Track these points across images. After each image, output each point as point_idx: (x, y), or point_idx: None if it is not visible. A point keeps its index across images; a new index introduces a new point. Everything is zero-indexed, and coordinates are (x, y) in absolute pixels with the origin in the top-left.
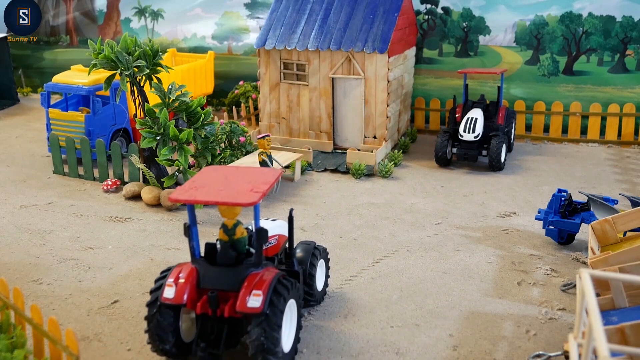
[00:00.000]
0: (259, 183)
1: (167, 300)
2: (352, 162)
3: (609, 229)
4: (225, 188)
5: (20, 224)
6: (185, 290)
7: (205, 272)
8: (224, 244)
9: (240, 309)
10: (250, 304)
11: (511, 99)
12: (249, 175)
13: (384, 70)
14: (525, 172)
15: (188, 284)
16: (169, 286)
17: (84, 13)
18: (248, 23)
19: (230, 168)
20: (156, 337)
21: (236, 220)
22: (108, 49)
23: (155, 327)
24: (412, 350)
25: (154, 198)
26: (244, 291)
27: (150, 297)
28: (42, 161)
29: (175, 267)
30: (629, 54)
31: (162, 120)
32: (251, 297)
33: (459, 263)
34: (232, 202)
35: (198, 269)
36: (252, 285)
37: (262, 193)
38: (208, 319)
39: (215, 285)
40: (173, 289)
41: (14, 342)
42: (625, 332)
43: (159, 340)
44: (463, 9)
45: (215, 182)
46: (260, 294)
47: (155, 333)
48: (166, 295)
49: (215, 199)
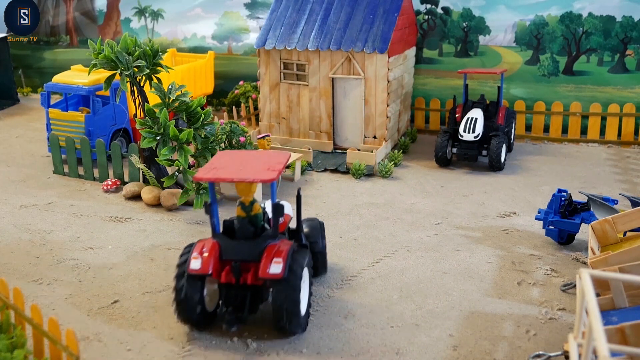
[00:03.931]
0: (273, 163)
1: (194, 271)
2: (352, 162)
3: (609, 229)
4: (243, 168)
5: (20, 224)
6: (210, 262)
7: (226, 246)
8: (242, 220)
9: (263, 275)
10: (272, 271)
11: (511, 99)
12: (261, 157)
13: (384, 70)
14: (525, 172)
15: (212, 256)
16: (195, 258)
17: (84, 13)
18: (248, 23)
19: (242, 152)
20: (184, 307)
21: (253, 199)
22: (108, 49)
23: (183, 298)
24: (412, 350)
25: (154, 198)
26: (265, 260)
27: (177, 270)
28: (42, 161)
29: (198, 242)
30: (629, 54)
31: (162, 120)
32: (272, 264)
33: (459, 263)
34: (253, 179)
35: (219, 243)
36: (271, 254)
37: (278, 171)
38: (232, 287)
39: (236, 256)
40: (199, 261)
41: (14, 342)
42: (625, 332)
43: (188, 310)
44: (463, 9)
45: (232, 163)
46: (281, 261)
47: (183, 303)
48: (193, 266)
49: (238, 177)
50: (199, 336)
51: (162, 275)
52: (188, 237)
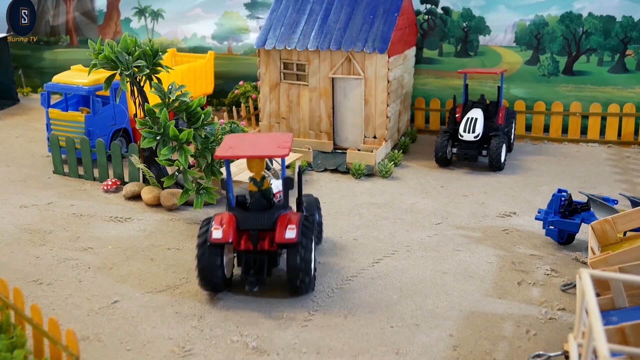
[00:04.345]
0: (281, 142)
1: (216, 240)
2: (352, 162)
3: (609, 229)
4: (256, 146)
5: (20, 224)
6: (230, 232)
7: (242, 217)
8: (254, 194)
9: (279, 240)
10: (287, 236)
11: (511, 99)
12: (268, 138)
13: (384, 70)
14: (525, 172)
15: (231, 226)
16: (216, 229)
17: (84, 13)
18: (248, 23)
19: (247, 134)
20: (207, 274)
21: (263, 174)
22: (108, 49)
23: (205, 265)
24: (412, 350)
25: (154, 198)
26: (280, 227)
27: (199, 240)
28: (42, 161)
29: (215, 216)
30: (629, 54)
31: (162, 120)
32: (287, 230)
33: (459, 263)
34: (269, 155)
35: (235, 215)
36: (285, 222)
37: (289, 148)
38: (250, 254)
39: (252, 226)
40: (220, 231)
41: (14, 342)
42: (625, 332)
43: (210, 276)
44: (463, 9)
45: (244, 143)
46: (294, 228)
47: (206, 270)
48: (215, 236)
49: (255, 154)
50: (199, 336)
51: (162, 275)
52: (188, 237)
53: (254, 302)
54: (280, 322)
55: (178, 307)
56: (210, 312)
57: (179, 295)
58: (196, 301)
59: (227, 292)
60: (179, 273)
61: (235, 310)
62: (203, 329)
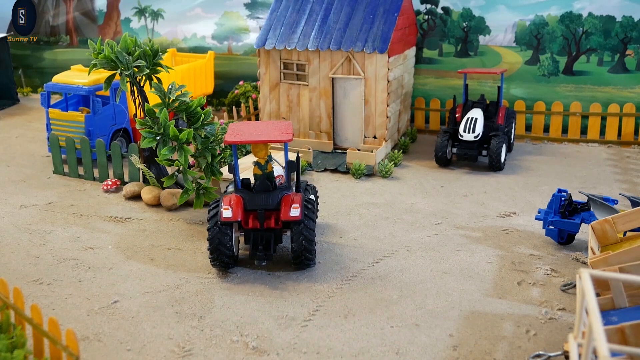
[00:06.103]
0: (283, 128)
1: (227, 219)
2: (352, 162)
3: (609, 229)
4: (261, 133)
5: (20, 224)
6: (239, 211)
7: (248, 198)
8: (259, 176)
9: (285, 217)
10: (292, 214)
11: (511, 99)
12: (269, 125)
13: (384, 70)
14: (525, 172)
15: (239, 207)
16: (226, 209)
17: (84, 13)
18: (248, 23)
19: (250, 122)
20: (219, 251)
21: (267, 159)
22: (108, 49)
23: (217, 244)
24: (412, 350)
25: (154, 198)
26: (285, 206)
27: (209, 221)
28: (42, 161)
29: (224, 197)
30: (629, 54)
31: (162, 120)
32: (291, 209)
33: (459, 263)
34: (274, 140)
35: (242, 196)
36: (289, 201)
37: (291, 134)
38: (258, 231)
39: (258, 206)
40: (230, 210)
41: (14, 342)
42: (625, 332)
43: (222, 253)
44: (463, 9)
45: (250, 130)
46: (298, 207)
47: (218, 248)
48: (225, 215)
49: (261, 139)
50: (199, 336)
51: (162, 275)
52: (188, 237)
53: (254, 302)
54: (280, 322)
55: (178, 307)
56: (210, 312)
57: (179, 295)
58: (196, 301)
59: (227, 291)
60: (179, 273)
61: (235, 310)
62: (203, 329)
